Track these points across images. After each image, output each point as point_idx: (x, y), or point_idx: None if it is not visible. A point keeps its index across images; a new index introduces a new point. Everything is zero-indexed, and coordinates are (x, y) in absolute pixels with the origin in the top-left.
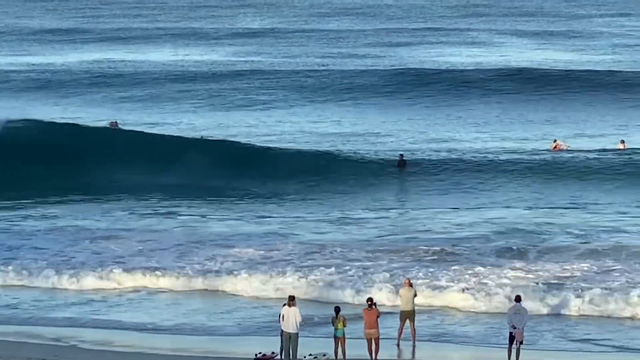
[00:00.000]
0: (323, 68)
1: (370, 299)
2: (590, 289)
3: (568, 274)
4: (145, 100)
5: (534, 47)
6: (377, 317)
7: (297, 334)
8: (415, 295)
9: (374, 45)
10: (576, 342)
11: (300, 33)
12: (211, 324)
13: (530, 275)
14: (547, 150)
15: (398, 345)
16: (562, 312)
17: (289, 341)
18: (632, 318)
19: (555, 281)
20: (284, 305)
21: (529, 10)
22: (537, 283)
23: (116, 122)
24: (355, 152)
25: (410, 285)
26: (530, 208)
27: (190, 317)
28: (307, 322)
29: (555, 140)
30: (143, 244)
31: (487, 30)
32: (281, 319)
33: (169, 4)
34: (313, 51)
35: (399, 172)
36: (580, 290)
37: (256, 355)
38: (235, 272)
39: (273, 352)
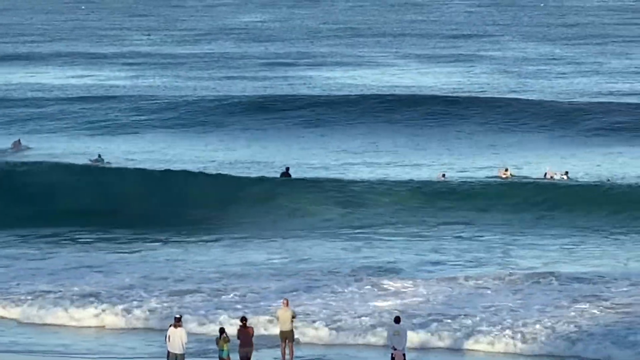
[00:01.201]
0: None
1: (243, 318)
2: None
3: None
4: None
5: (418, 71)
6: (252, 335)
7: (184, 355)
8: (293, 316)
9: (247, 68)
10: None
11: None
12: None
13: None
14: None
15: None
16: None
17: None
18: None
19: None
20: (170, 326)
21: (414, 32)
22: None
23: (19, 141)
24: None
25: (287, 305)
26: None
27: None
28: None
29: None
30: None
31: (368, 52)
32: (167, 339)
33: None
34: (186, 75)
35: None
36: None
37: None
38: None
39: None
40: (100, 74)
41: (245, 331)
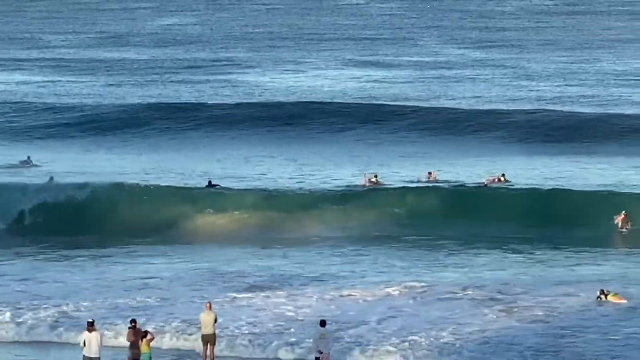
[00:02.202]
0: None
1: (133, 320)
2: None
3: None
4: None
5: (337, 75)
6: (142, 337)
7: (99, 358)
8: (215, 319)
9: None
10: None
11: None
12: None
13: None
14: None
15: None
16: None
17: None
18: None
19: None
20: (85, 330)
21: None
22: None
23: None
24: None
25: (210, 309)
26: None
27: None
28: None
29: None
30: None
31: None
32: (83, 344)
33: None
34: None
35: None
36: None
37: None
38: None
39: None
40: (12, 79)
41: (133, 332)
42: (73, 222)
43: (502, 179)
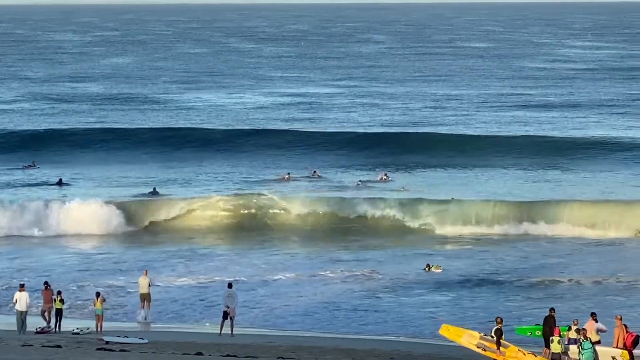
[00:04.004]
0: None
1: (46, 282)
2: None
3: None
4: None
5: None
6: (52, 295)
7: (27, 312)
8: (150, 283)
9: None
10: None
11: None
12: None
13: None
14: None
15: (138, 314)
16: None
17: (22, 317)
18: None
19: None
20: (17, 291)
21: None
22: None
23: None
24: None
25: (146, 274)
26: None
27: None
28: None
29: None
30: None
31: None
32: (15, 302)
33: None
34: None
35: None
36: None
37: (36, 330)
38: None
39: (49, 327)
40: None
41: (46, 292)
42: None
43: (385, 177)
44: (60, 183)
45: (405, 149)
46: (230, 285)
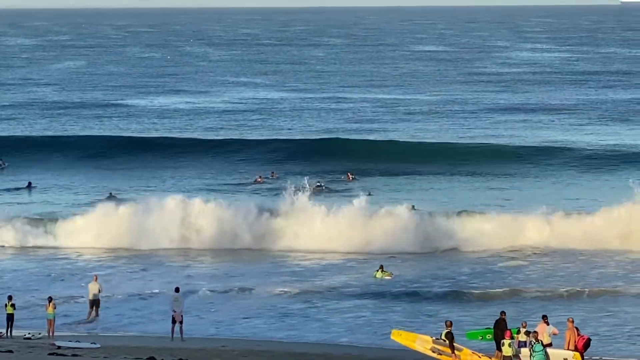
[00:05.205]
0: None
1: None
2: None
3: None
4: None
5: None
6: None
7: None
8: (100, 289)
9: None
10: None
11: None
12: None
13: None
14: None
15: (87, 319)
16: None
17: None
18: None
19: None
20: None
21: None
22: None
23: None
24: None
25: (96, 280)
26: None
27: None
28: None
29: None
30: None
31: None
32: None
33: None
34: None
35: None
36: None
37: None
38: None
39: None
40: None
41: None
42: None
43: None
44: (29, 186)
45: (352, 156)
46: (177, 290)
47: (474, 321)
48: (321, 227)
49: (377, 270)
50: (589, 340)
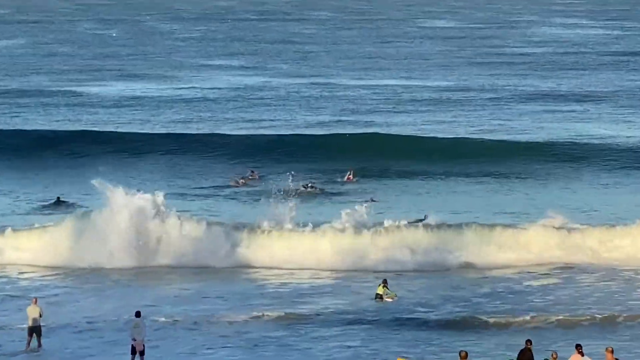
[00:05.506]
0: None
1: None
2: None
3: None
4: None
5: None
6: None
7: None
8: (40, 314)
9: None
10: None
11: None
12: None
13: None
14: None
15: (26, 349)
16: None
17: None
18: None
19: None
20: None
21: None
22: None
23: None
24: None
25: (36, 303)
26: None
27: None
28: None
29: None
30: None
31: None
32: None
33: None
34: None
35: None
36: None
37: None
38: None
39: None
40: None
41: None
42: None
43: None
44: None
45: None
46: (138, 314)
47: (485, 352)
48: (311, 240)
49: (380, 285)
50: None
